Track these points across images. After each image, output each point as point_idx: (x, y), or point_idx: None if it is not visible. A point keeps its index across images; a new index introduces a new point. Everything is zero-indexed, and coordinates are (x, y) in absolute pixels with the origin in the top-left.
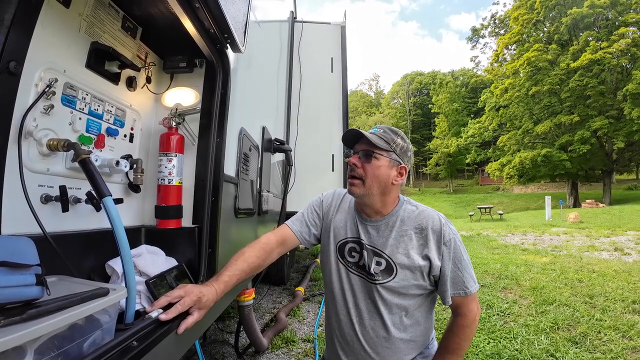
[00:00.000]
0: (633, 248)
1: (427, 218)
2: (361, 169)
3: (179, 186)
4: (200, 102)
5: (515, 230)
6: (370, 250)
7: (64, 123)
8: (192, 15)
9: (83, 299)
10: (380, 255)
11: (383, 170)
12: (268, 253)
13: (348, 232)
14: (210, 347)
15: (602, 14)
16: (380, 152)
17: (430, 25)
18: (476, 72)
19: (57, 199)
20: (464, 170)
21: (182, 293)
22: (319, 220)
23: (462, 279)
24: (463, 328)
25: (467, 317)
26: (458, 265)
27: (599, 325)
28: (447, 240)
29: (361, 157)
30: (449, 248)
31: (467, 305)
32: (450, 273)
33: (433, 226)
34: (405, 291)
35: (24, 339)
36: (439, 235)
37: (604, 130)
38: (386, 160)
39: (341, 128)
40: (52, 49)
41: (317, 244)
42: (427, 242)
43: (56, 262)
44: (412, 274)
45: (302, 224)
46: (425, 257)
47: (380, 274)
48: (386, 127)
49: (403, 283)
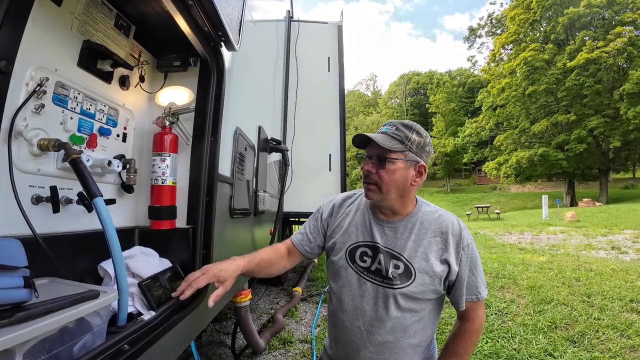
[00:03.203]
0: (630, 247)
1: (447, 222)
2: (376, 175)
3: (172, 186)
4: (195, 101)
5: (512, 229)
6: (387, 252)
7: (55, 122)
8: (185, 13)
9: (73, 302)
10: (398, 258)
11: (400, 174)
12: (279, 257)
13: (359, 236)
14: (206, 349)
15: (598, 14)
16: (395, 154)
17: (424, 26)
18: (473, 72)
19: (48, 199)
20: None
21: (198, 274)
22: (321, 230)
23: (475, 284)
24: (470, 333)
25: (475, 322)
26: (473, 271)
27: (596, 324)
28: (466, 245)
29: (375, 162)
30: (467, 253)
31: (476, 311)
32: (466, 278)
33: (453, 230)
34: (421, 296)
35: (12, 342)
36: (459, 239)
37: (600, 129)
38: (402, 162)
39: (338, 127)
40: (44, 48)
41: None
42: (446, 247)
43: (48, 264)
44: (431, 279)
45: (302, 236)
46: (444, 261)
47: (398, 278)
48: (399, 122)
49: (421, 288)
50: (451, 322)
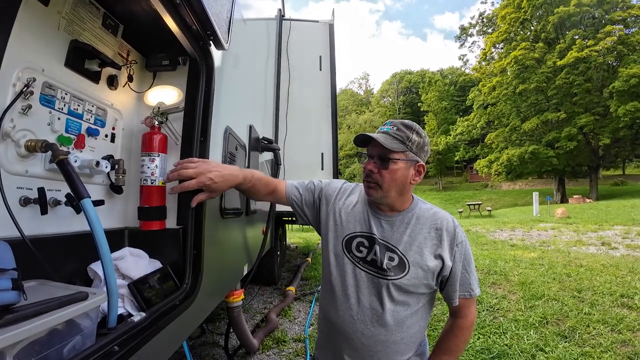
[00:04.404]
0: (620, 242)
1: (442, 219)
2: (378, 175)
3: (162, 187)
4: (184, 100)
5: (503, 226)
6: (383, 244)
7: (43, 123)
8: (173, 12)
9: (61, 304)
10: (393, 250)
11: (400, 173)
12: (269, 190)
13: (357, 226)
14: (199, 350)
15: (588, 12)
16: (397, 154)
17: (415, 25)
18: (464, 71)
19: (36, 201)
20: (453, 168)
21: (192, 174)
22: (314, 198)
23: (469, 281)
24: (463, 330)
25: (467, 319)
26: (467, 267)
27: (587, 319)
28: (460, 242)
29: (376, 161)
30: (460, 250)
31: (468, 308)
32: (459, 274)
33: (447, 227)
34: (414, 289)
35: (1, 344)
36: (453, 236)
37: (590, 126)
38: (403, 162)
39: (330, 126)
40: (30, 48)
41: (302, 216)
42: (441, 242)
43: (36, 267)
44: (424, 272)
45: (297, 192)
46: (438, 256)
47: (392, 270)
48: (399, 122)
49: (414, 281)
50: (444, 318)
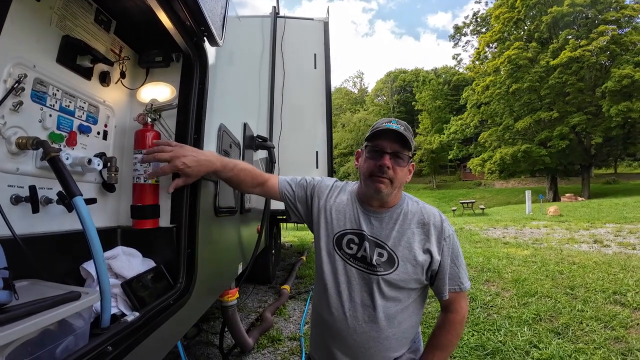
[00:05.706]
0: (612, 240)
1: (429, 214)
2: (392, 171)
3: (155, 185)
4: (177, 97)
5: (496, 224)
6: (372, 241)
7: (34, 120)
8: (167, 7)
9: (53, 304)
10: (382, 246)
11: (406, 171)
12: (256, 182)
13: (347, 224)
14: (194, 349)
15: (582, 13)
16: (409, 153)
17: (408, 24)
18: (458, 70)
19: (27, 199)
20: (446, 167)
21: (167, 157)
22: (307, 195)
23: (458, 274)
24: (455, 324)
25: (459, 314)
26: (455, 261)
27: (580, 316)
28: (447, 236)
29: (392, 158)
30: (448, 244)
31: (459, 302)
32: (448, 268)
33: (434, 222)
34: (404, 285)
35: None
36: (440, 230)
37: (582, 126)
38: (407, 161)
39: (325, 125)
40: (22, 44)
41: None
42: (428, 237)
43: (28, 266)
44: (413, 267)
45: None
46: (426, 250)
47: (382, 265)
48: (404, 123)
49: (404, 276)
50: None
